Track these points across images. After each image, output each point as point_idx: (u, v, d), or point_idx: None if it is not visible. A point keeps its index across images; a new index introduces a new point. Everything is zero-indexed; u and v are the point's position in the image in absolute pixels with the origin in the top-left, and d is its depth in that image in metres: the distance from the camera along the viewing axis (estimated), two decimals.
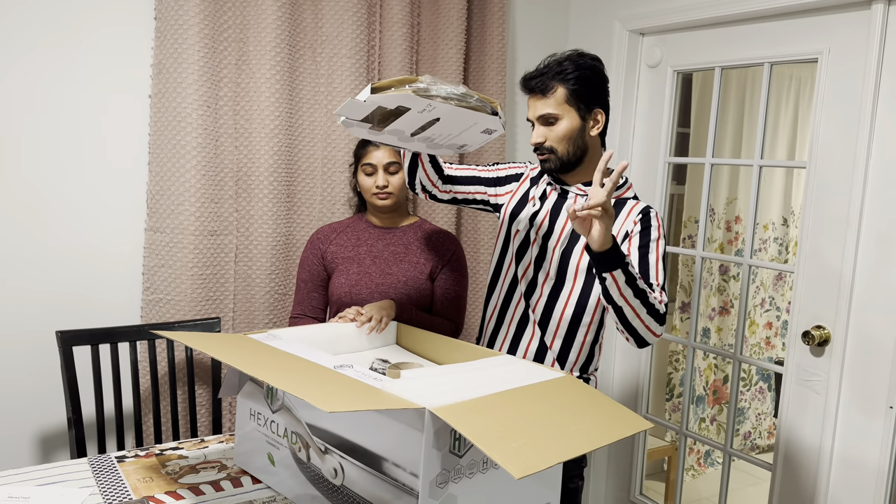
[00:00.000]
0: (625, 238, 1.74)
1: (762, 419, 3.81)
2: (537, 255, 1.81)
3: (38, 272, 2.06)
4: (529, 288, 1.82)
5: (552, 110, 1.70)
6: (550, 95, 1.70)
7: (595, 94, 1.73)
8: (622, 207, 1.78)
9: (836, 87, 2.11)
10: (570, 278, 1.78)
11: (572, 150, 1.73)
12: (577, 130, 1.72)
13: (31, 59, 1.99)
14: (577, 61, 1.71)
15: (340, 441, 1.32)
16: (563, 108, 1.70)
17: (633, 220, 1.75)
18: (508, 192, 1.91)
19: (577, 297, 1.79)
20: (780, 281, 3.79)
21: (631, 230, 1.74)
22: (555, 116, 1.70)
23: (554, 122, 1.71)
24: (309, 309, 2.09)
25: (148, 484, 1.49)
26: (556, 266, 1.78)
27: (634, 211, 1.77)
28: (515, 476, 0.98)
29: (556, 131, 1.71)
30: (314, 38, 2.35)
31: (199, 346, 1.38)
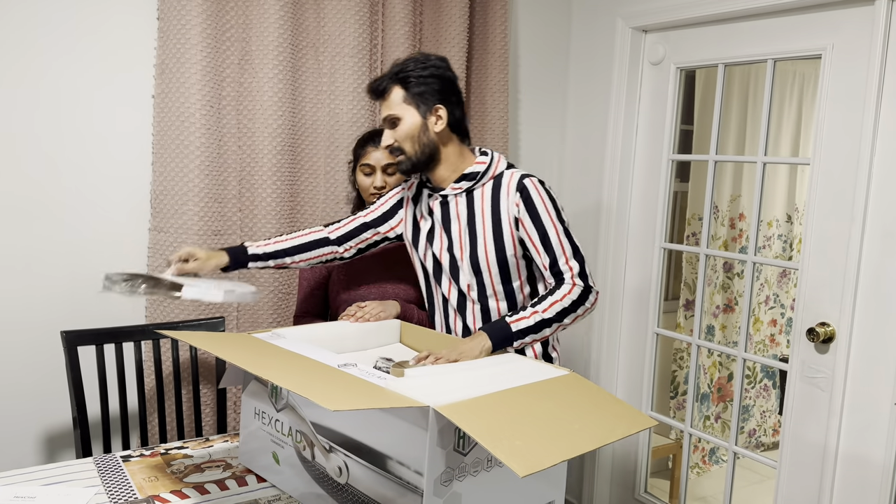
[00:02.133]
0: (516, 224, 1.74)
1: (767, 417, 3.80)
2: (451, 270, 1.81)
3: (42, 272, 2.06)
4: (460, 303, 1.83)
5: (392, 111, 1.73)
6: (389, 97, 1.73)
7: (435, 92, 1.73)
8: (500, 185, 1.77)
9: (839, 84, 2.10)
10: (486, 279, 1.78)
11: (419, 148, 1.74)
12: (419, 128, 1.73)
13: (35, 59, 1.99)
14: (418, 61, 1.73)
15: (345, 439, 1.32)
16: (402, 108, 1.72)
17: (513, 201, 1.74)
18: (400, 221, 1.93)
19: (502, 290, 1.79)
20: (785, 278, 3.78)
21: (517, 214, 1.73)
22: (396, 117, 1.73)
23: (397, 123, 1.74)
24: (311, 308, 2.10)
25: (153, 483, 1.50)
26: (471, 273, 1.78)
27: (511, 188, 1.75)
28: (520, 474, 0.98)
29: (400, 131, 1.74)
30: (317, 37, 2.35)
31: (204, 346, 1.38)
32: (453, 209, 1.79)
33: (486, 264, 1.76)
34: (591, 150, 2.84)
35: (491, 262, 1.76)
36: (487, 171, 1.77)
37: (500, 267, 1.76)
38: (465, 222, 1.78)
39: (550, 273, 1.74)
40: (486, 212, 1.75)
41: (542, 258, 1.74)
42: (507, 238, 1.74)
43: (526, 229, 1.73)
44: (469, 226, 1.77)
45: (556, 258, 1.73)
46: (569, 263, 1.72)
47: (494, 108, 2.69)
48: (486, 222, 1.75)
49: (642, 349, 2.78)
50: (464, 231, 1.77)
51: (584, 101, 2.87)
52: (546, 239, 1.72)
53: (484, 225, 1.75)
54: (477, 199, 1.77)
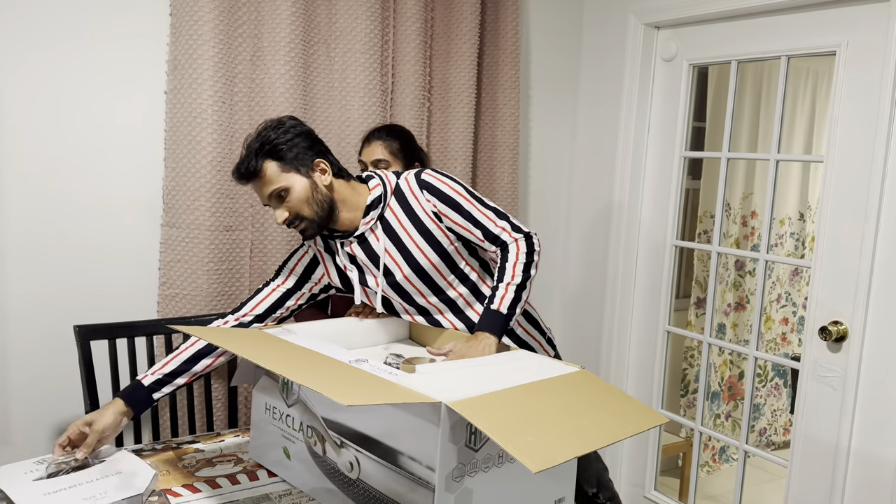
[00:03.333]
0: (438, 218, 1.74)
1: (778, 415, 3.78)
2: (404, 298, 1.80)
3: (55, 268, 2.08)
4: (427, 316, 1.83)
5: (276, 185, 1.64)
6: (265, 174, 1.64)
7: (306, 149, 1.67)
8: (404, 195, 1.75)
9: (854, 81, 2.09)
10: (436, 277, 1.78)
11: (317, 207, 1.68)
12: (309, 189, 1.67)
13: (48, 56, 2.01)
14: (276, 129, 1.66)
15: (356, 435, 1.32)
16: (284, 178, 1.65)
17: (425, 199, 1.73)
18: (322, 275, 1.85)
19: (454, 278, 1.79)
20: (797, 276, 3.76)
21: (436, 208, 1.73)
22: (283, 188, 1.64)
23: (286, 195, 1.65)
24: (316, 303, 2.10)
25: (165, 477, 1.51)
26: (419, 281, 1.77)
27: (416, 190, 1.74)
28: (532, 470, 0.98)
29: (293, 200, 1.65)
30: (328, 33, 2.35)
31: (216, 341, 1.39)
32: (373, 241, 1.75)
33: (429, 265, 1.75)
34: (603, 147, 2.83)
35: (435, 262, 1.75)
36: (385, 191, 1.76)
37: (443, 260, 1.77)
38: (391, 245, 1.75)
39: (488, 242, 1.76)
40: (406, 224, 1.74)
41: (474, 234, 1.75)
42: (437, 233, 1.74)
43: (449, 217, 1.74)
44: (396, 245, 1.75)
45: (486, 228, 1.74)
46: (499, 226, 1.75)
47: (505, 105, 2.68)
48: (410, 233, 1.74)
49: (653, 347, 2.77)
50: (393, 252, 1.75)
51: (596, 98, 2.86)
52: (470, 216, 1.74)
53: (410, 236, 1.74)
54: (391, 219, 1.74)
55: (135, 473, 1.43)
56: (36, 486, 1.36)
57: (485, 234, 1.74)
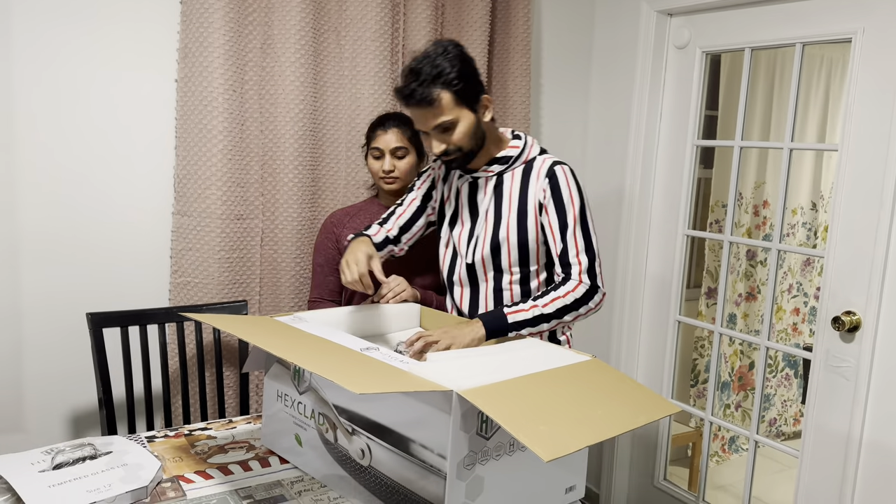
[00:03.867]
0: (540, 209, 1.73)
1: (788, 406, 3.77)
2: (469, 251, 1.82)
3: (67, 256, 2.09)
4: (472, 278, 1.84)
5: (446, 117, 1.64)
6: (440, 104, 1.62)
7: (475, 83, 1.68)
8: (531, 170, 1.77)
9: (870, 68, 2.06)
10: (504, 261, 1.78)
11: (475, 142, 1.71)
12: (474, 126, 1.68)
13: (58, 43, 2.01)
14: (446, 57, 1.63)
15: (368, 422, 1.32)
16: (455, 112, 1.64)
17: (541, 186, 1.73)
18: (436, 199, 1.94)
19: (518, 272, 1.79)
20: (808, 266, 3.73)
21: (543, 199, 1.73)
22: (452, 122, 1.65)
23: (452, 128, 1.66)
24: (326, 293, 2.12)
25: (178, 464, 1.52)
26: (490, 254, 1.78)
27: (542, 174, 1.74)
28: (545, 459, 0.98)
29: (458, 134, 1.67)
30: (338, 20, 2.34)
31: (229, 329, 1.39)
32: (481, 191, 1.79)
33: (506, 246, 1.76)
34: (614, 135, 2.81)
35: (512, 244, 1.75)
36: (520, 156, 1.77)
37: (520, 250, 1.76)
38: (491, 204, 1.78)
39: (559, 263, 1.73)
40: (514, 196, 1.75)
41: (555, 246, 1.73)
42: (531, 222, 1.74)
43: (548, 215, 1.73)
44: (495, 208, 1.77)
45: (567, 249, 1.71)
46: (578, 257, 1.71)
47: (516, 92, 2.67)
48: (512, 206, 1.75)
49: (663, 337, 2.76)
50: (490, 212, 1.77)
51: (607, 86, 2.84)
52: (564, 228, 1.72)
53: (510, 208, 1.75)
54: (506, 182, 1.77)
55: (140, 465, 1.43)
56: (41, 477, 1.35)
57: (561, 253, 1.72)
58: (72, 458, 1.43)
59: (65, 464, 1.41)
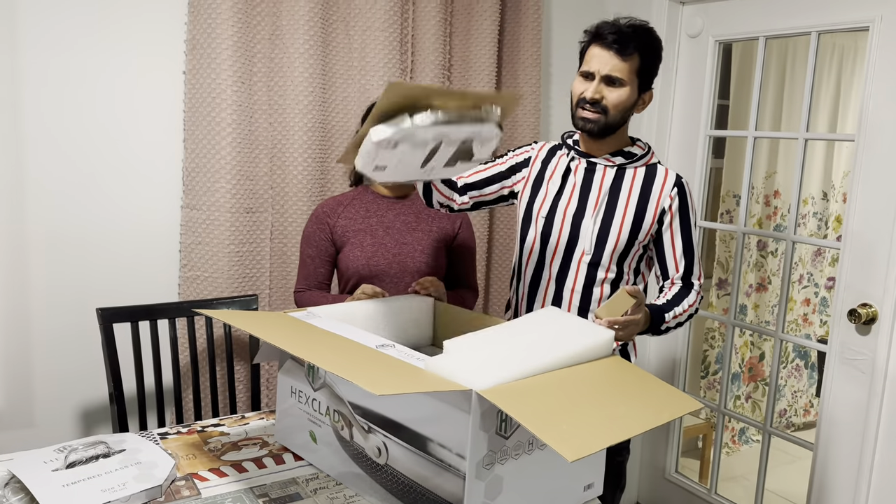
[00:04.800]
0: (662, 214, 1.74)
1: (798, 397, 3.75)
2: (570, 235, 1.77)
3: (77, 251, 2.07)
4: (563, 267, 1.79)
5: (622, 74, 1.66)
6: (627, 59, 1.65)
7: (653, 75, 1.72)
8: (654, 174, 1.77)
9: (888, 57, 2.03)
10: (607, 253, 1.75)
11: (619, 119, 1.71)
12: (630, 103, 1.71)
13: (65, 38, 1.98)
14: (654, 37, 1.69)
15: (384, 420, 1.31)
16: (631, 77, 1.67)
17: (668, 194, 1.74)
18: (522, 179, 1.88)
19: (615, 268, 1.77)
20: (819, 256, 3.70)
21: (668, 207, 1.74)
22: (622, 81, 1.67)
23: (617, 86, 1.67)
24: (315, 284, 2.06)
25: (191, 461, 1.50)
26: (592, 243, 1.75)
27: (669, 182, 1.76)
28: (569, 459, 0.96)
29: (616, 95, 1.68)
30: (347, 11, 2.31)
31: (242, 326, 1.37)
32: (598, 177, 1.77)
33: (615, 238, 1.74)
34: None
35: (622, 237, 1.74)
36: (643, 158, 1.78)
37: (625, 245, 1.75)
38: (606, 193, 1.76)
39: (681, 277, 1.76)
40: (635, 192, 1.75)
41: (677, 262, 1.76)
42: (647, 223, 1.74)
43: (672, 228, 1.74)
44: (610, 197, 1.75)
45: (691, 268, 1.76)
46: (700, 279, 1.77)
47: (527, 83, 2.64)
48: (630, 200, 1.74)
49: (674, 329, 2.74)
50: (602, 200, 1.75)
51: None
52: (689, 246, 1.75)
53: (628, 202, 1.74)
54: (627, 177, 1.76)
55: (154, 464, 1.42)
56: (54, 476, 1.35)
57: (686, 269, 1.75)
58: (85, 456, 1.42)
59: (78, 462, 1.40)
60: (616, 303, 1.55)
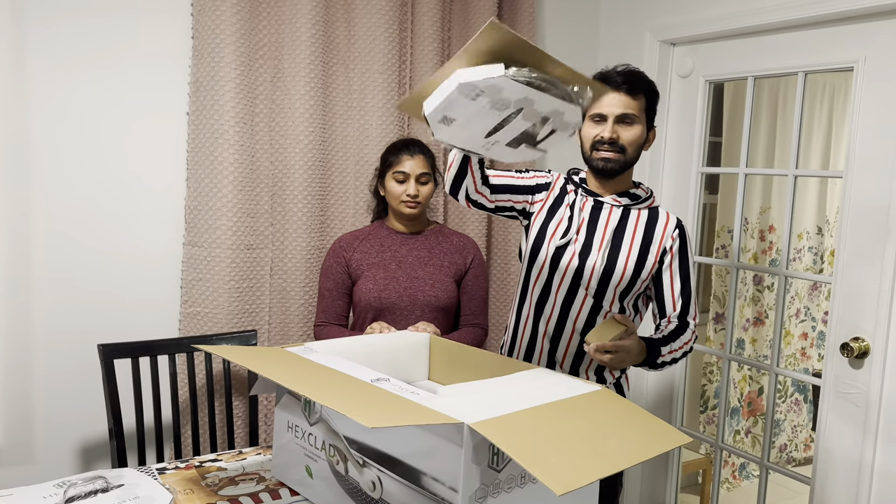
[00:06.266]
0: (663, 254, 1.79)
1: (798, 431, 3.74)
2: (577, 268, 1.81)
3: (80, 286, 2.11)
4: (566, 303, 1.83)
5: (635, 112, 1.75)
6: (637, 98, 1.75)
7: (654, 116, 1.82)
8: (656, 217, 1.83)
9: (872, 96, 2.08)
10: (609, 292, 1.79)
11: (634, 157, 1.79)
12: (642, 140, 1.79)
13: (73, 78, 2.05)
14: (651, 80, 1.80)
15: (379, 454, 1.33)
16: (641, 115, 1.77)
17: (670, 235, 1.81)
18: (540, 201, 1.91)
19: (618, 307, 1.81)
20: (816, 291, 3.73)
21: (669, 247, 1.80)
22: (635, 118, 1.75)
23: (631, 124, 1.75)
24: (334, 317, 2.12)
25: (189, 496, 1.52)
26: (597, 281, 1.79)
27: (671, 225, 1.82)
28: (557, 493, 0.98)
29: (631, 133, 1.76)
30: (347, 54, 2.38)
31: (239, 360, 1.40)
32: (604, 217, 1.82)
33: (619, 276, 1.78)
34: None
35: (626, 275, 1.78)
36: (646, 200, 1.85)
37: (628, 284, 1.79)
38: (612, 231, 1.80)
39: (678, 316, 1.79)
40: (639, 233, 1.80)
41: (675, 301, 1.80)
42: (649, 262, 1.79)
43: (671, 269, 1.80)
44: (616, 236, 1.80)
45: (687, 308, 1.79)
46: (695, 318, 1.81)
47: None
48: (635, 240, 1.80)
49: None
50: (608, 238, 1.80)
51: None
52: (686, 287, 1.80)
53: (633, 241, 1.80)
54: (632, 217, 1.82)
55: (152, 499, 1.44)
56: None
57: (682, 308, 1.79)
58: (84, 491, 1.43)
59: (77, 497, 1.41)
60: (605, 329, 1.58)
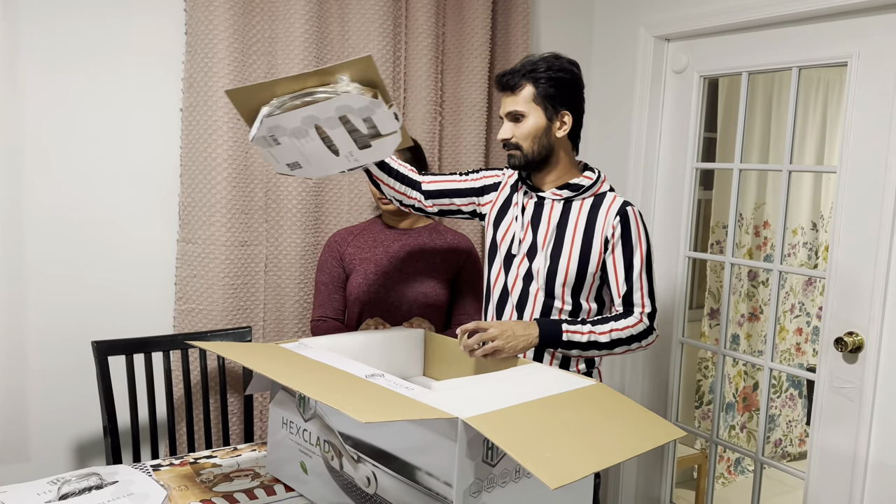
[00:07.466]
0: (605, 245, 1.76)
1: (793, 426, 3.75)
2: (527, 270, 1.81)
3: (74, 284, 2.10)
4: (521, 300, 1.83)
5: (519, 108, 1.73)
6: (519, 93, 1.73)
7: (564, 97, 1.75)
8: (600, 204, 1.79)
9: (866, 91, 2.09)
10: (558, 289, 1.78)
11: (537, 148, 1.75)
12: (542, 129, 1.75)
13: (66, 74, 2.04)
14: (551, 63, 1.74)
15: (373, 450, 1.33)
16: (529, 107, 1.73)
17: (611, 223, 1.76)
18: (489, 202, 1.92)
19: (570, 301, 1.79)
20: (810, 286, 3.74)
21: (611, 236, 1.76)
22: (522, 114, 1.74)
23: (521, 120, 1.74)
24: (331, 311, 2.13)
25: (183, 492, 1.52)
26: (544, 278, 1.78)
27: (612, 211, 1.77)
28: (551, 486, 0.98)
29: (523, 129, 1.74)
30: (340, 50, 2.38)
31: (234, 357, 1.40)
32: (546, 213, 1.80)
33: (563, 273, 1.76)
34: (615, 159, 2.84)
35: (570, 273, 1.76)
36: (591, 188, 1.80)
37: (576, 280, 1.77)
38: (554, 227, 1.78)
39: (622, 302, 1.76)
40: (580, 225, 1.77)
41: (619, 287, 1.76)
42: (594, 255, 1.76)
43: (614, 255, 1.76)
44: (558, 232, 1.78)
45: (632, 290, 1.75)
46: (643, 300, 1.76)
47: None
48: (577, 234, 1.77)
49: (667, 358, 2.76)
50: (550, 236, 1.78)
51: (607, 111, 2.87)
52: (630, 269, 1.75)
53: (574, 236, 1.77)
54: (574, 209, 1.79)
55: (146, 495, 1.44)
56: None
57: (626, 293, 1.76)
58: (78, 488, 1.43)
59: (71, 494, 1.41)
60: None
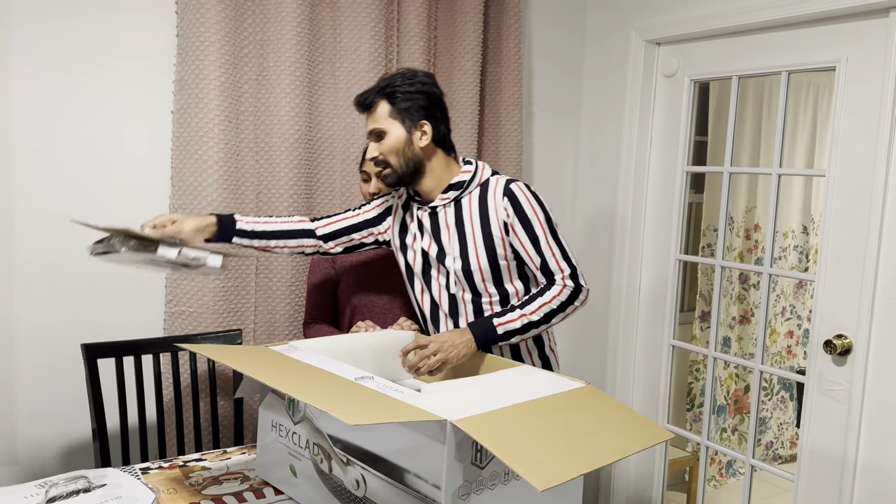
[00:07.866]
0: (506, 229, 1.78)
1: (784, 429, 3.77)
2: (446, 277, 1.85)
3: (63, 286, 2.09)
4: (452, 307, 1.86)
5: (379, 125, 1.78)
6: (376, 111, 1.78)
7: (420, 108, 1.78)
8: (486, 192, 1.81)
9: (854, 95, 2.10)
10: (479, 284, 1.82)
11: (403, 161, 1.79)
12: (403, 142, 1.78)
13: (56, 76, 2.03)
14: (405, 78, 1.78)
15: (362, 452, 1.33)
16: (387, 123, 1.77)
17: (501, 206, 1.78)
18: (387, 229, 1.97)
19: (495, 291, 1.83)
20: (801, 289, 3.76)
21: (507, 217, 1.78)
22: (382, 131, 1.78)
23: (383, 136, 1.78)
24: (322, 313, 2.13)
25: (172, 496, 1.51)
26: (463, 278, 1.82)
27: (498, 194, 1.79)
28: (539, 488, 0.98)
29: (385, 145, 1.78)
30: (333, 52, 2.38)
31: (223, 360, 1.39)
32: (442, 219, 1.83)
33: (478, 270, 1.80)
34: (606, 162, 2.85)
35: (483, 267, 1.80)
36: (473, 180, 1.82)
37: (492, 271, 1.81)
38: (454, 230, 1.82)
39: (542, 273, 1.80)
40: (475, 219, 1.80)
41: (533, 261, 1.79)
42: (498, 242, 1.79)
43: (517, 234, 1.78)
44: (459, 233, 1.81)
45: (546, 260, 1.78)
46: (559, 265, 1.78)
47: (508, 121, 2.70)
48: (475, 229, 1.80)
49: (658, 361, 2.77)
50: (453, 239, 1.82)
51: (598, 114, 2.88)
52: (536, 242, 1.78)
53: (473, 232, 1.80)
54: (465, 207, 1.82)
55: (135, 499, 1.43)
56: None
57: (542, 266, 1.78)
58: (66, 491, 1.42)
59: (58, 497, 1.40)
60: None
